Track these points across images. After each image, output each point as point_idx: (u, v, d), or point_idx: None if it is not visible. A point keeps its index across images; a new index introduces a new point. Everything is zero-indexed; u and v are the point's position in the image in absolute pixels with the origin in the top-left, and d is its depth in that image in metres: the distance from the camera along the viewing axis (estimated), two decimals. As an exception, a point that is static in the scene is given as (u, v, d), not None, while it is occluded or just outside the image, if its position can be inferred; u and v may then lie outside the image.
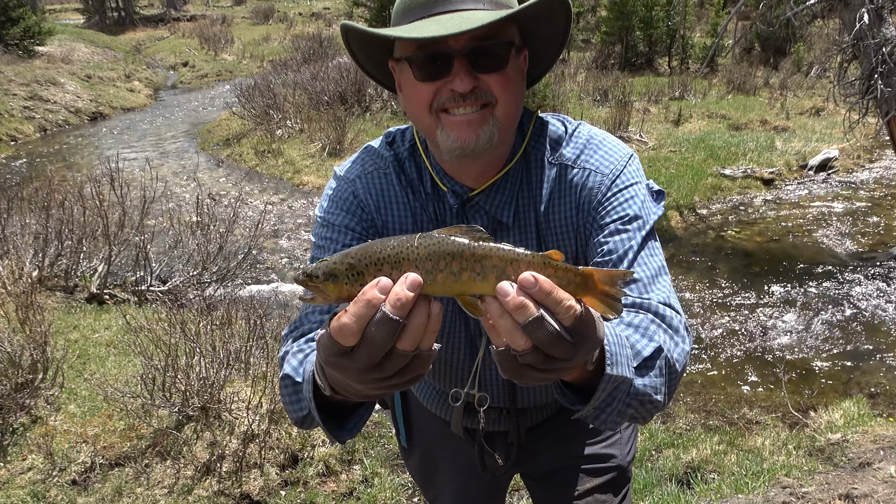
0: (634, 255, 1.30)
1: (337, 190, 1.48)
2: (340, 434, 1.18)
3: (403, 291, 0.81)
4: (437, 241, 0.85)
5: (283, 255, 7.94)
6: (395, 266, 0.85)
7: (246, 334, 4.31)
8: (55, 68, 19.03)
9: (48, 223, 5.90)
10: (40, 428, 3.80)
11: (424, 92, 1.28)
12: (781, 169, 10.56)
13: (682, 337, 1.23)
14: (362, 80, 13.88)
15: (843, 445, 3.81)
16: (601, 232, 1.35)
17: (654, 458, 3.99)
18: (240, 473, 3.59)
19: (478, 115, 1.27)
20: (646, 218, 1.35)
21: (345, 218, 1.44)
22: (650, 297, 1.25)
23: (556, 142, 1.44)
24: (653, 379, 1.13)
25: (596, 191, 1.38)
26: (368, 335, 0.82)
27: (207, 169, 11.74)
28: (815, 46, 19.29)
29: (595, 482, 1.73)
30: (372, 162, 1.49)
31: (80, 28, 31.19)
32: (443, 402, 1.71)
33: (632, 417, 1.14)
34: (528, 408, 1.67)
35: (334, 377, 0.94)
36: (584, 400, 1.09)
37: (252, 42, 28.06)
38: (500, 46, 1.24)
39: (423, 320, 0.83)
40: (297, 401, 1.24)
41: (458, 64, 1.23)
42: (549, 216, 1.42)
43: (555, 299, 0.82)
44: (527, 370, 0.87)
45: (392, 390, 0.93)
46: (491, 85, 1.26)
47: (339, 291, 0.87)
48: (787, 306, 6.46)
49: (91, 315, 5.52)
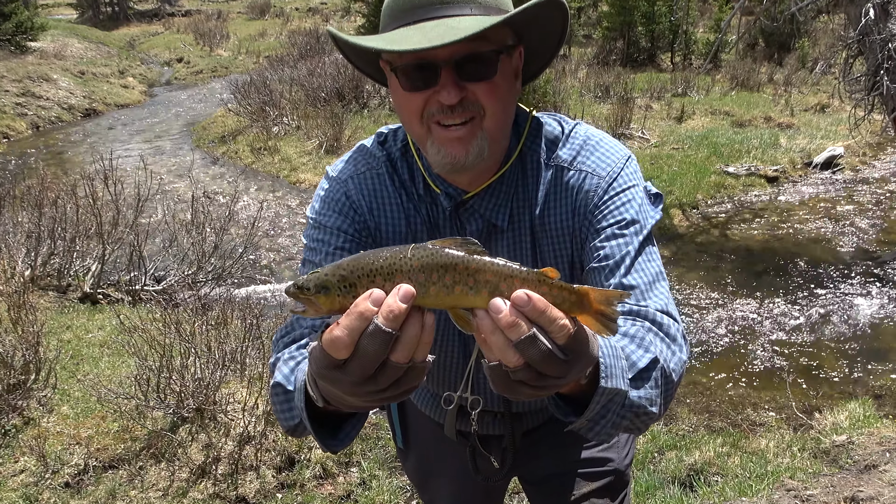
0: (632, 261, 1.28)
1: (329, 191, 1.46)
2: (333, 444, 1.17)
3: (396, 303, 0.80)
4: (430, 253, 0.85)
5: (279, 254, 7.94)
6: (388, 278, 0.84)
7: (242, 334, 4.30)
8: (48, 64, 19.01)
9: (41, 221, 5.89)
10: (33, 430, 3.80)
11: (413, 102, 1.27)
12: (786, 166, 10.56)
13: (680, 346, 1.21)
14: (360, 76, 13.76)
15: (849, 447, 3.81)
16: (597, 236, 1.33)
17: (657, 461, 3.99)
18: (235, 476, 3.59)
19: (467, 131, 1.25)
20: (643, 222, 1.33)
21: (337, 219, 1.42)
22: (647, 305, 1.23)
23: (552, 142, 1.43)
24: (648, 391, 1.12)
25: (592, 194, 1.36)
26: (361, 348, 0.81)
27: (203, 166, 11.74)
28: (820, 42, 19.27)
29: (592, 486, 1.73)
30: (364, 162, 1.47)
31: (73, 23, 31.14)
32: (436, 404, 1.71)
33: (626, 429, 1.13)
34: (523, 412, 1.66)
35: (327, 389, 0.94)
36: (577, 412, 1.08)
37: (248, 37, 28.02)
38: (489, 53, 1.23)
39: (417, 332, 0.82)
40: (288, 409, 1.23)
41: (445, 74, 1.21)
42: (544, 219, 1.41)
43: (548, 318, 0.82)
44: (519, 386, 0.87)
45: (386, 402, 0.92)
46: (479, 95, 1.24)
47: (331, 304, 0.86)
48: (792, 306, 6.46)
49: (84, 315, 5.51)
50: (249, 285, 6.97)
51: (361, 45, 1.23)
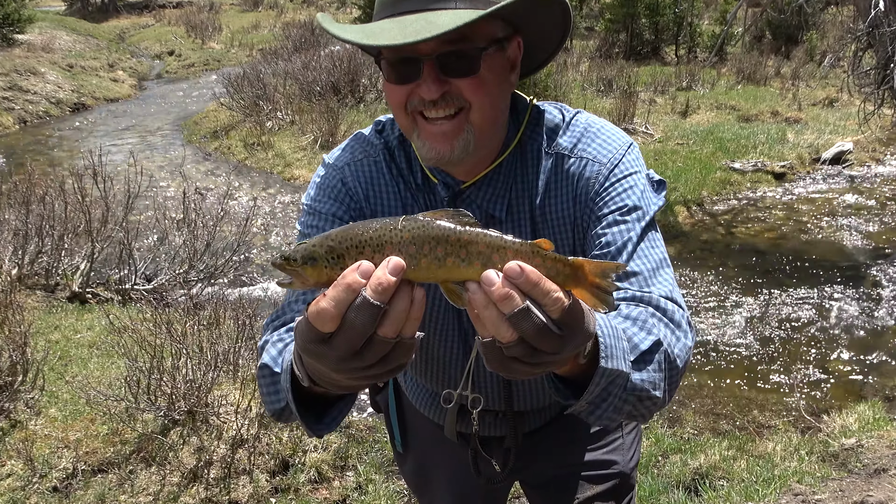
0: (634, 247, 1.29)
1: (325, 177, 1.48)
2: (318, 427, 1.17)
3: (385, 276, 0.80)
4: (421, 225, 0.85)
5: (272, 253, 7.93)
6: (378, 249, 0.84)
7: (234, 335, 4.30)
8: (35, 57, 18.95)
9: (28, 219, 5.88)
10: (20, 433, 3.79)
11: (397, 94, 1.28)
12: (793, 162, 10.57)
13: (685, 332, 1.21)
14: (356, 69, 13.86)
15: (858, 451, 3.81)
16: (599, 223, 1.34)
17: (661, 465, 3.99)
18: (228, 480, 3.59)
19: (452, 126, 1.26)
20: (646, 208, 1.34)
21: (332, 206, 1.44)
22: (651, 291, 1.24)
23: (552, 131, 1.44)
24: (651, 374, 1.11)
25: (593, 181, 1.38)
26: (348, 321, 0.81)
27: (194, 162, 11.72)
28: (828, 34, 19.26)
29: (596, 490, 1.73)
30: (361, 149, 1.49)
31: (61, 15, 31.07)
32: (436, 404, 1.70)
33: (629, 415, 1.13)
34: (525, 411, 1.66)
35: (312, 366, 0.94)
36: (578, 394, 1.07)
37: (241, 30, 27.96)
38: (473, 50, 1.23)
39: (406, 306, 0.82)
40: (274, 392, 1.24)
41: (427, 69, 1.22)
42: (544, 209, 1.42)
43: (541, 290, 0.82)
44: (513, 363, 0.87)
45: (372, 381, 0.92)
46: (462, 89, 1.25)
47: (319, 275, 0.86)
48: (799, 306, 6.47)
49: (73, 315, 5.51)
50: (242, 284, 6.96)
51: (339, 35, 1.25)
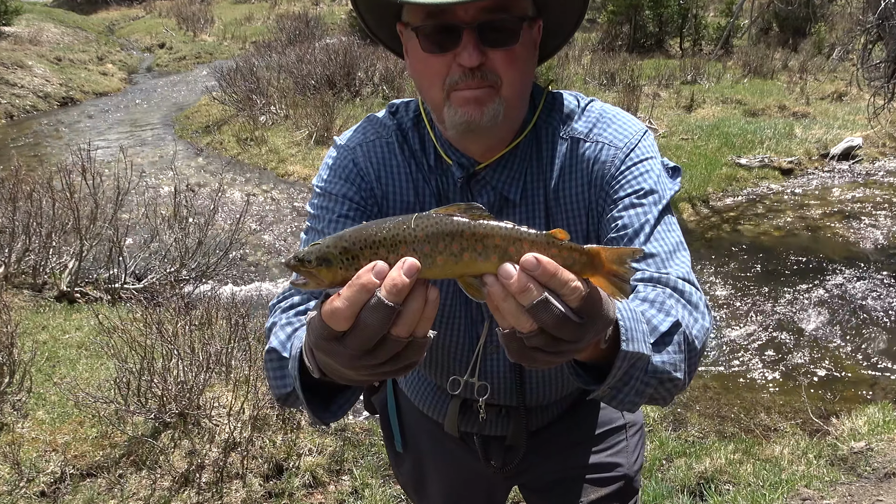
0: (651, 230, 1.31)
1: (336, 158, 1.50)
2: (325, 416, 1.19)
3: (400, 276, 0.81)
4: (435, 222, 0.86)
5: (266, 251, 7.92)
6: (392, 249, 0.86)
7: (227, 335, 4.30)
8: (22, 50, 18.92)
9: (15, 216, 5.87)
10: (6, 436, 3.78)
11: (435, 65, 1.30)
12: (801, 158, 10.57)
13: (703, 313, 1.24)
14: (351, 63, 13.86)
15: (868, 454, 3.82)
16: (615, 207, 1.37)
17: (665, 468, 3.99)
18: (220, 484, 3.58)
19: (484, 93, 1.29)
20: (662, 192, 1.36)
21: (343, 187, 1.46)
22: (668, 272, 1.26)
23: (567, 116, 1.47)
24: (671, 355, 1.13)
25: (609, 164, 1.40)
26: (362, 321, 0.83)
27: (186, 158, 11.70)
28: (837, 26, 19.28)
29: (600, 493, 1.73)
30: (374, 131, 1.51)
31: (49, 7, 31.01)
32: (437, 398, 1.71)
33: (651, 398, 1.15)
34: (531, 407, 1.66)
35: (324, 361, 0.95)
36: (599, 379, 1.09)
37: (233, 22, 27.92)
38: (512, 21, 1.27)
39: (420, 306, 0.84)
40: (281, 377, 1.26)
41: (467, 37, 1.25)
42: (559, 193, 1.44)
43: (559, 280, 0.83)
44: (534, 353, 0.88)
45: (384, 377, 0.94)
46: (497, 63, 1.28)
47: (333, 276, 0.87)
48: (807, 305, 6.47)
49: (61, 315, 5.50)
50: (235, 283, 6.96)
51: None
